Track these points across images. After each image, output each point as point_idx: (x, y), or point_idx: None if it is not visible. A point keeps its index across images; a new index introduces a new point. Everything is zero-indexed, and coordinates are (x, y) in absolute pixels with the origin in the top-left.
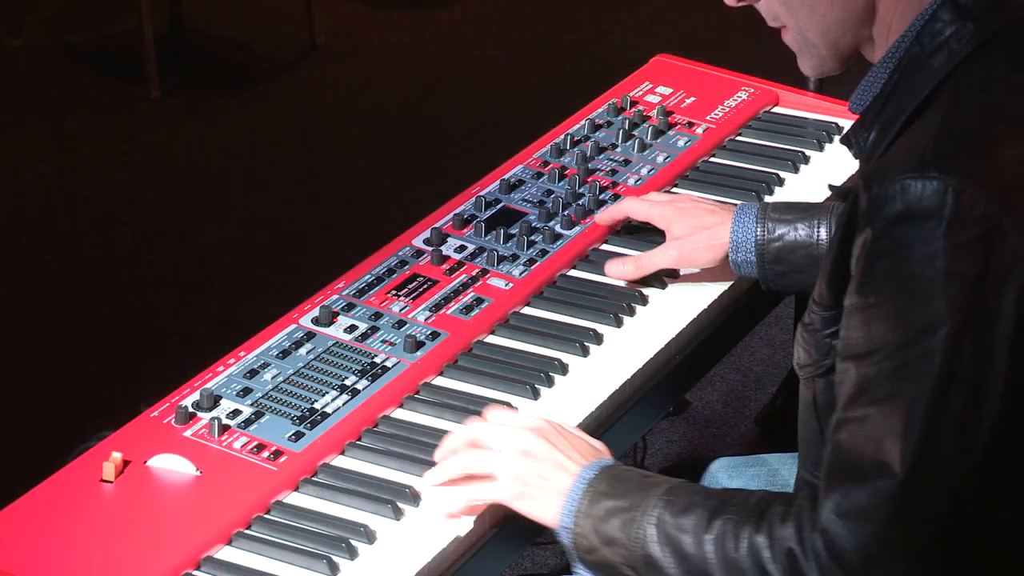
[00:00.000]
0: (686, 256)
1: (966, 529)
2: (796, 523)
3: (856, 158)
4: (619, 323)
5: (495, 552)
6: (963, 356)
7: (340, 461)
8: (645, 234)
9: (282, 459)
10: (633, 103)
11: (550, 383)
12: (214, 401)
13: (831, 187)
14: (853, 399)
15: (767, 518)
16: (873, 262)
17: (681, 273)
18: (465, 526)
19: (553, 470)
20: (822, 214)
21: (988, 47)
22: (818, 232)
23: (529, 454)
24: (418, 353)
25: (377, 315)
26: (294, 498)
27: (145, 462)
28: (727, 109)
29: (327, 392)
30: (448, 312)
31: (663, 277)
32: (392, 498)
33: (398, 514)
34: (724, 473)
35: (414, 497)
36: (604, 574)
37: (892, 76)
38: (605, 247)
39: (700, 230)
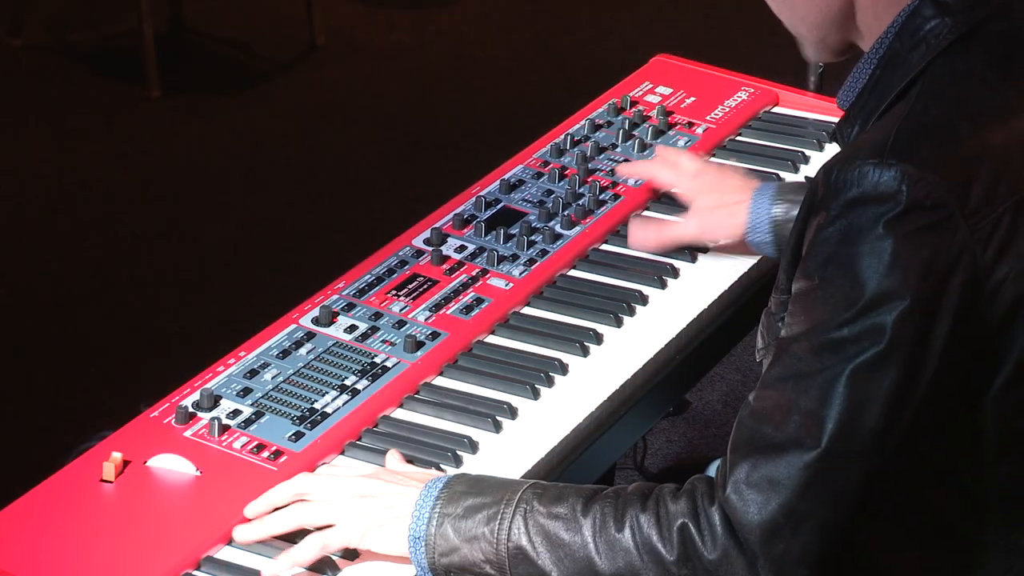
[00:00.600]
0: (706, 231)
1: (874, 508)
2: (689, 498)
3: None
4: (619, 323)
5: None
6: (902, 338)
7: (340, 461)
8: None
9: (282, 459)
10: (633, 103)
11: (550, 383)
12: (214, 401)
13: (807, 179)
14: (771, 375)
15: (653, 498)
16: (823, 244)
17: (708, 247)
18: None
19: (396, 497)
20: None
21: (966, 41)
22: None
23: (366, 495)
24: (418, 353)
25: (377, 315)
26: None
27: (145, 462)
28: (727, 109)
29: (327, 392)
30: (448, 312)
31: (663, 277)
32: None
33: None
34: None
35: None
36: None
37: (875, 72)
38: (605, 247)
39: (721, 207)
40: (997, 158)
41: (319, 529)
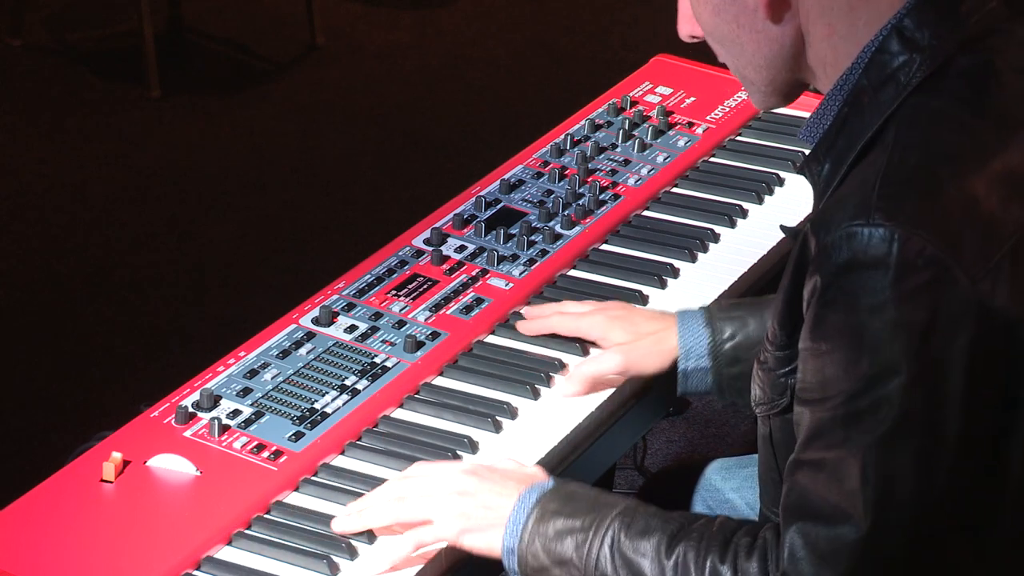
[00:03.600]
0: (631, 365)
1: (923, 572)
2: (761, 559)
3: (813, 187)
4: None
5: None
6: (914, 405)
7: (340, 461)
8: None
9: (282, 459)
10: (633, 103)
11: (550, 383)
12: (214, 401)
13: (783, 228)
14: (809, 441)
15: (731, 548)
16: (823, 310)
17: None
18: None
19: (494, 498)
20: (769, 307)
21: (936, 79)
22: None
23: (464, 492)
24: (418, 353)
25: (377, 315)
26: (294, 498)
27: (145, 462)
28: (727, 109)
29: (327, 392)
30: (448, 312)
31: (663, 277)
32: None
33: None
34: (718, 475)
35: None
36: None
37: (842, 110)
38: (605, 247)
39: (644, 336)
40: (982, 203)
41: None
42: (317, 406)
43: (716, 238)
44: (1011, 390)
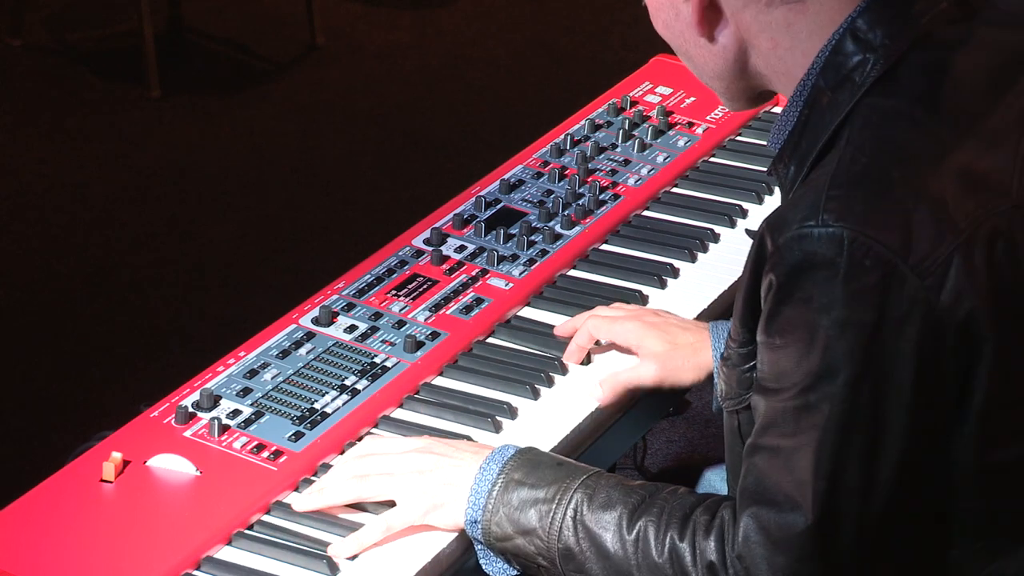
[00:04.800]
0: (667, 376)
1: (874, 561)
2: (719, 538)
3: (780, 188)
4: None
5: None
6: (861, 401)
7: (338, 460)
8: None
9: (282, 459)
10: (633, 103)
11: (550, 383)
12: (214, 401)
13: (747, 231)
14: (765, 428)
15: (691, 524)
16: (778, 307)
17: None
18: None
19: (453, 471)
20: None
21: (891, 77)
22: None
23: (423, 471)
24: (418, 353)
25: (377, 315)
26: (293, 498)
27: (145, 462)
28: (727, 109)
29: (327, 392)
30: (448, 312)
31: (663, 277)
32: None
33: None
34: (716, 477)
35: None
36: (516, 561)
37: (802, 113)
38: (605, 247)
39: (679, 347)
40: (934, 200)
41: (377, 504)
42: (317, 406)
43: (716, 238)
44: (961, 382)
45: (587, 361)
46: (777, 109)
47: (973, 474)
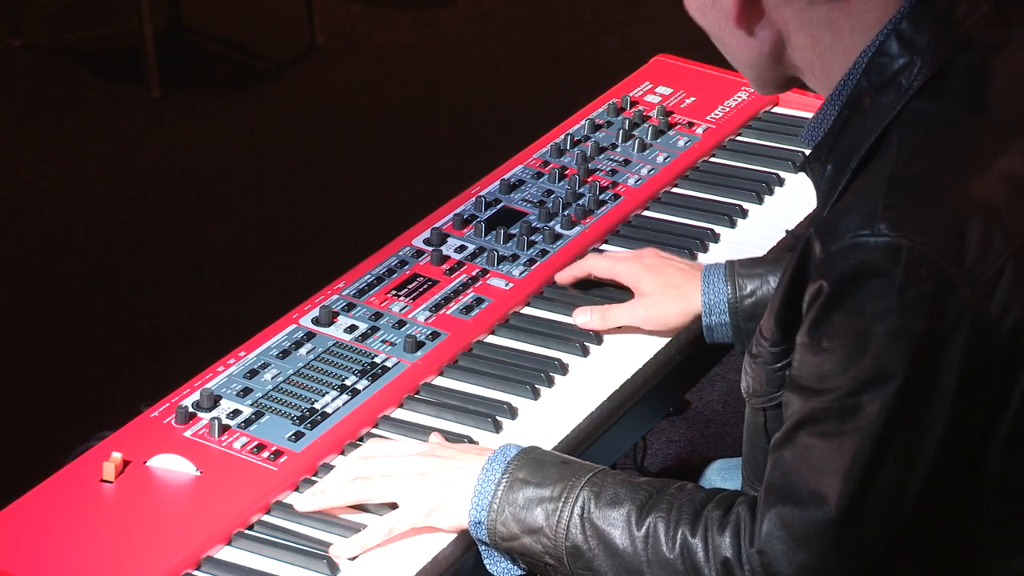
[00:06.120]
0: (654, 316)
1: (899, 560)
2: (734, 534)
3: (816, 186)
4: None
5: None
6: (907, 408)
7: (340, 461)
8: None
9: (282, 459)
10: (633, 103)
11: (550, 383)
12: (214, 401)
13: (788, 232)
14: (799, 426)
15: (703, 520)
16: (829, 311)
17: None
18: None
19: (454, 473)
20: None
21: (937, 82)
22: None
23: (425, 473)
24: (418, 353)
25: (377, 315)
26: (294, 498)
27: (145, 462)
28: (727, 109)
29: (327, 392)
30: (448, 312)
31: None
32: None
33: None
34: (717, 475)
35: None
36: (522, 560)
37: (842, 112)
38: (605, 247)
39: (668, 288)
40: (986, 207)
41: (379, 505)
42: (317, 406)
43: (716, 238)
44: (1002, 389)
45: (586, 355)
46: (778, 109)
47: (999, 474)
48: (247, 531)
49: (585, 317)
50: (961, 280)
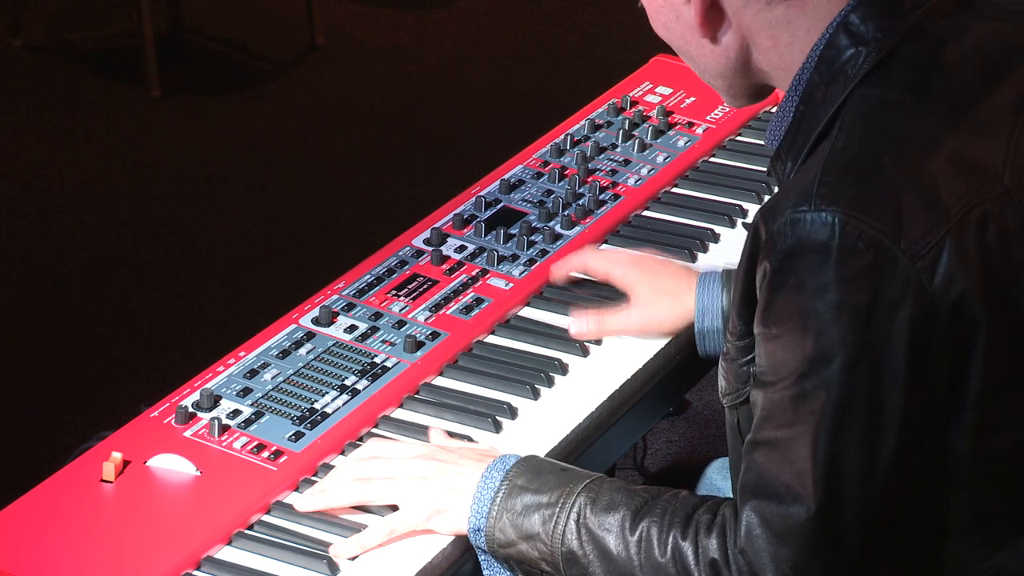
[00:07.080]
0: (649, 322)
1: (877, 552)
2: (720, 535)
3: (778, 186)
4: None
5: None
6: (858, 385)
7: (340, 461)
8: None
9: (282, 459)
10: (633, 103)
11: (550, 383)
12: (214, 401)
13: (745, 226)
14: (763, 422)
15: (693, 524)
16: (773, 294)
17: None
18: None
19: (455, 478)
20: None
21: (882, 69)
22: None
23: (426, 477)
24: (418, 353)
25: (377, 315)
26: (294, 498)
27: (145, 462)
28: (727, 109)
29: (327, 392)
30: (448, 312)
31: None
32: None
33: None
34: (718, 475)
35: None
36: (517, 567)
37: (798, 108)
38: (605, 247)
39: (663, 294)
40: (926, 185)
41: (379, 506)
42: (317, 406)
43: (716, 238)
44: (956, 368)
45: (586, 355)
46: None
47: (970, 463)
48: (247, 531)
49: (580, 327)
50: (900, 254)
